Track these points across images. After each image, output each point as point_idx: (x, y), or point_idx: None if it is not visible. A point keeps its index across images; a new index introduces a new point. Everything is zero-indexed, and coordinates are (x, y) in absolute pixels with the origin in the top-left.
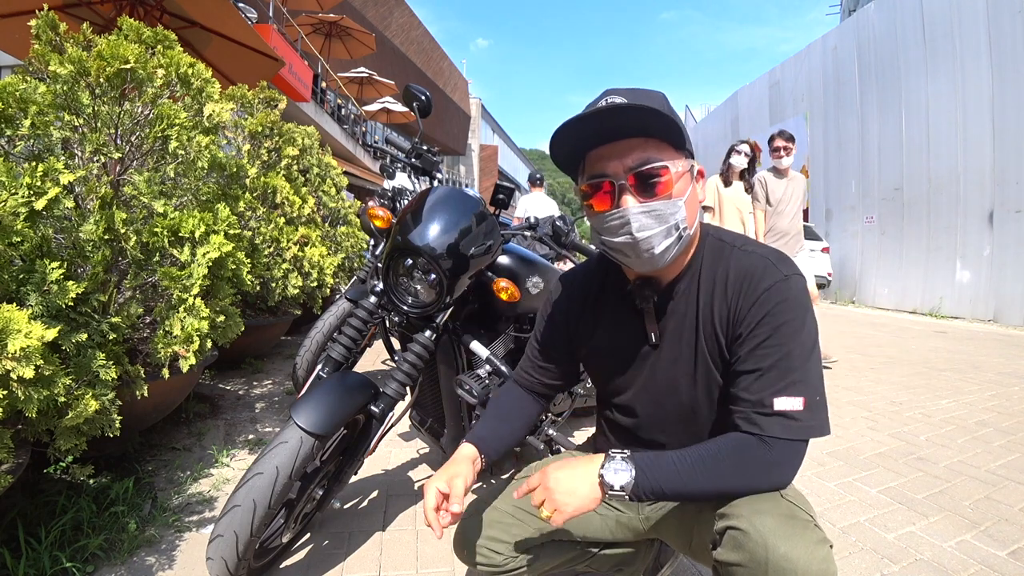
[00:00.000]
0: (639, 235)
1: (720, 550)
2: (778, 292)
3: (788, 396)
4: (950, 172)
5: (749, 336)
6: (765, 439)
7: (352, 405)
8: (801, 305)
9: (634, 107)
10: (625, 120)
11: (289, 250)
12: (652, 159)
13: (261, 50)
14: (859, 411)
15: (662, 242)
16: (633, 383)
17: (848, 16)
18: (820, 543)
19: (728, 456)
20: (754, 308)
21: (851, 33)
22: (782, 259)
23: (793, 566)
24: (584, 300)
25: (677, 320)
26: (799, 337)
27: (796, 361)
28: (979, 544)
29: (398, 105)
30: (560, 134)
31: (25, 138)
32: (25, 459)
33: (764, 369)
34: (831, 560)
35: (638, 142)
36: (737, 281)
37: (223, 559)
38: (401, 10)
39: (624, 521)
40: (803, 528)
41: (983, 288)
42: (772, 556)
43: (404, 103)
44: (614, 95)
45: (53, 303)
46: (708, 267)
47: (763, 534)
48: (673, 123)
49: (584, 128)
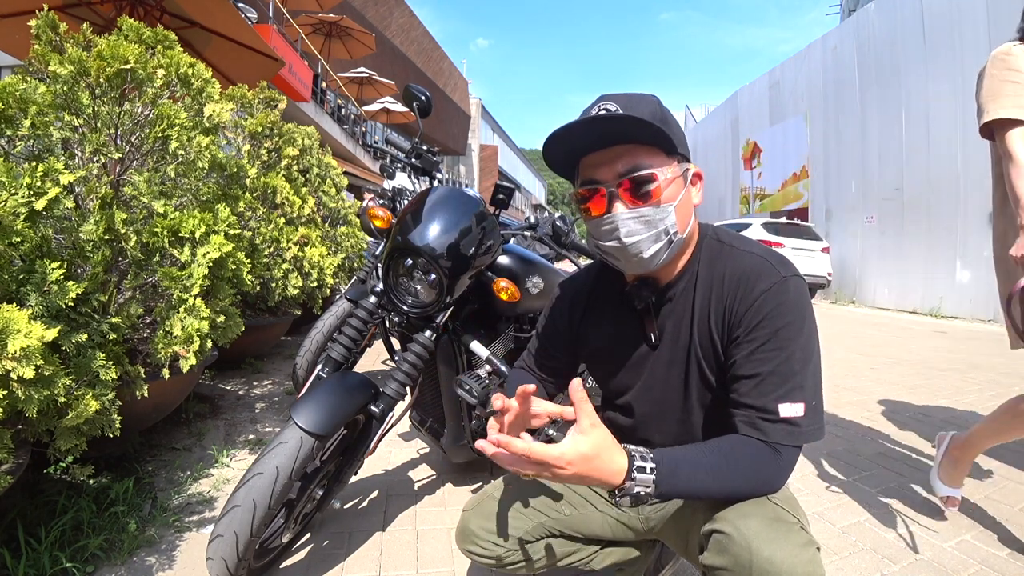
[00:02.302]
0: (627, 240)
1: (706, 554)
2: (776, 294)
3: (790, 402)
4: (950, 172)
5: (747, 339)
6: (775, 446)
7: (352, 405)
8: (800, 307)
9: (623, 117)
10: (616, 128)
11: (289, 250)
12: (642, 166)
13: (261, 50)
14: (859, 411)
15: (651, 246)
16: (633, 383)
17: (848, 16)
18: (805, 545)
19: (741, 461)
20: (751, 310)
21: (851, 33)
22: (781, 260)
23: (777, 569)
24: (585, 302)
25: (675, 321)
26: (798, 340)
27: (796, 365)
28: (979, 544)
29: (398, 105)
30: (552, 141)
31: (25, 138)
32: (25, 459)
33: (764, 374)
34: (818, 563)
35: (628, 148)
36: (733, 282)
37: (223, 559)
38: (401, 10)
39: (624, 520)
40: (787, 531)
41: (983, 288)
42: (756, 559)
43: (404, 103)
44: (608, 102)
45: (53, 303)
46: (705, 268)
47: (747, 537)
48: (661, 131)
49: (577, 135)
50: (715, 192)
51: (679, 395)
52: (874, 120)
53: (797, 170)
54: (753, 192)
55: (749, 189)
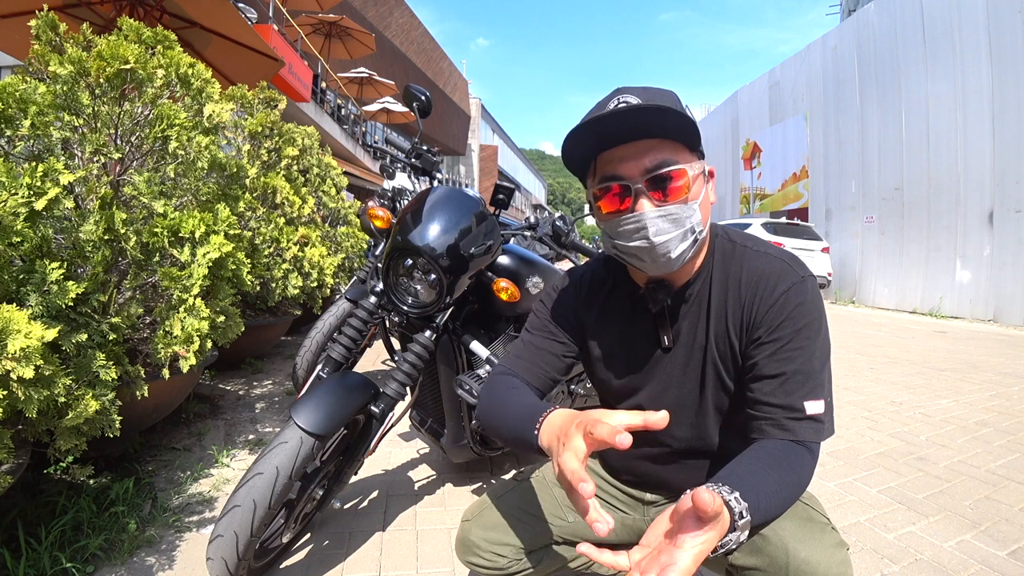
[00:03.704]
0: (656, 239)
1: (736, 554)
2: (797, 294)
3: (814, 400)
4: (950, 172)
5: (769, 339)
6: (807, 445)
7: (352, 405)
8: (818, 307)
9: (652, 107)
10: (641, 121)
11: (289, 250)
12: (670, 161)
13: (261, 50)
14: (859, 411)
15: (678, 246)
16: (644, 386)
17: (848, 16)
18: (839, 546)
19: (795, 469)
20: (772, 311)
21: (851, 33)
22: (796, 260)
23: (813, 570)
24: (591, 301)
25: (690, 323)
26: (818, 339)
27: (817, 363)
28: (979, 544)
29: (398, 105)
30: (574, 136)
31: (25, 138)
32: (25, 459)
33: (789, 373)
34: (848, 563)
35: (654, 143)
36: (752, 283)
37: (223, 559)
38: (401, 10)
39: (629, 523)
40: (821, 531)
41: (983, 288)
42: (793, 560)
43: (404, 103)
44: (627, 95)
45: (53, 303)
46: (720, 269)
47: (783, 538)
48: (690, 123)
49: (599, 129)
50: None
51: (695, 398)
52: (874, 120)
53: (797, 170)
54: (753, 192)
55: (749, 189)
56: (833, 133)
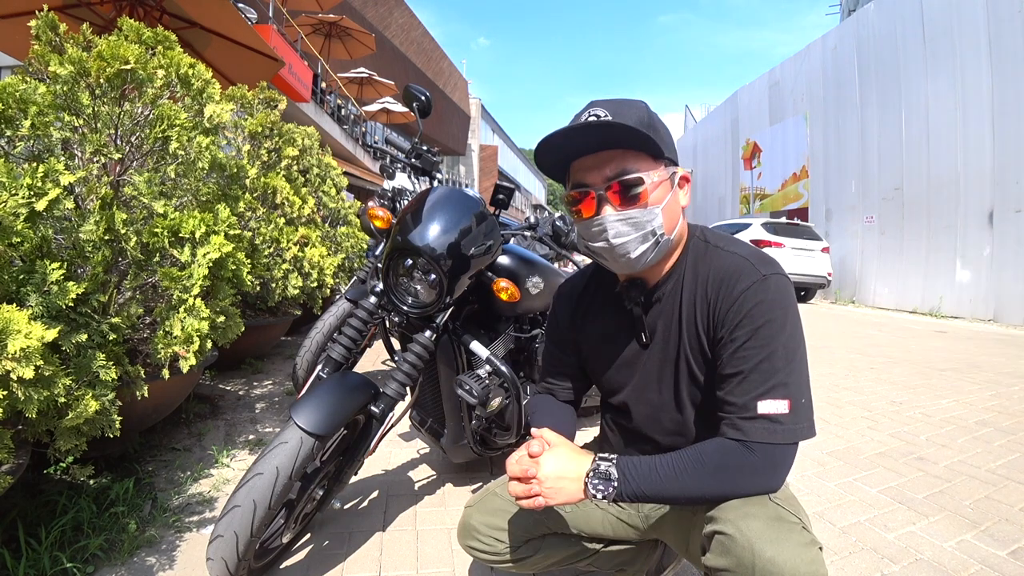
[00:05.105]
0: (615, 241)
1: (708, 555)
2: (756, 293)
3: (772, 399)
4: (950, 172)
5: (729, 339)
6: (748, 444)
7: (352, 405)
8: (781, 305)
9: (611, 124)
10: (604, 134)
11: (289, 250)
12: (629, 170)
13: (261, 50)
14: (859, 411)
15: (638, 247)
16: (627, 383)
17: (848, 16)
18: (808, 545)
19: (709, 462)
20: (732, 310)
21: (851, 33)
22: (762, 259)
23: (780, 570)
24: (578, 302)
25: (664, 321)
26: (780, 338)
27: (779, 362)
28: (979, 544)
29: (398, 105)
30: (544, 146)
31: (25, 139)
32: (25, 459)
33: (746, 372)
34: (820, 562)
35: (617, 154)
36: (716, 282)
37: (223, 559)
38: (401, 11)
39: (625, 519)
40: (789, 531)
41: (983, 288)
42: (759, 560)
43: (404, 103)
44: (598, 107)
45: (53, 304)
46: (691, 269)
47: (749, 538)
48: (648, 137)
49: (568, 141)
50: (715, 192)
51: (671, 394)
52: (874, 120)
53: (797, 170)
54: (753, 192)
55: (749, 189)
56: (833, 133)
